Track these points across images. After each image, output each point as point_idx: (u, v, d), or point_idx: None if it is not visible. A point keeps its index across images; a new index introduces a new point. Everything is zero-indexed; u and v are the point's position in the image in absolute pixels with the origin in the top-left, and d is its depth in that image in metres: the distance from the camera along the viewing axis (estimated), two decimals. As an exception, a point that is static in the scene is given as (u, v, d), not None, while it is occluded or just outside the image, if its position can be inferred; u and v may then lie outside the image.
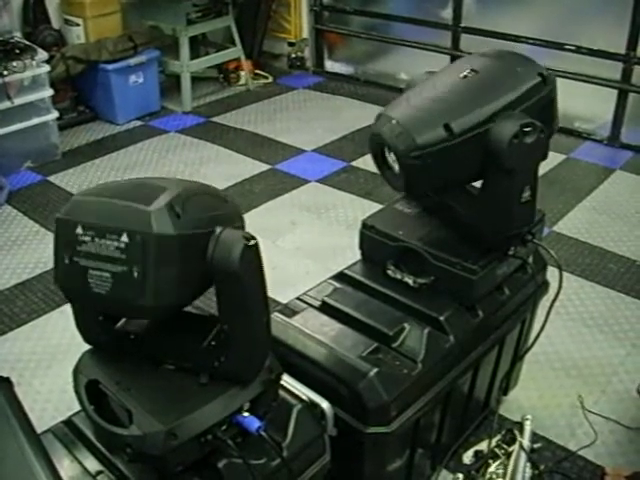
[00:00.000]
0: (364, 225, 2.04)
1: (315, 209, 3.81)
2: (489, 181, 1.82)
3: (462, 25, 4.89)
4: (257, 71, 5.72)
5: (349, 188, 4.01)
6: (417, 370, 1.76)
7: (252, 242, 1.31)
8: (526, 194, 1.84)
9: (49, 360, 2.72)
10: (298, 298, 1.99)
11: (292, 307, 1.95)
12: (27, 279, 3.23)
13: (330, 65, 5.91)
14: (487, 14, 4.83)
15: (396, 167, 1.76)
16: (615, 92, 4.39)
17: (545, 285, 2.22)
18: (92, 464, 1.45)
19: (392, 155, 1.76)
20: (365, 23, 5.54)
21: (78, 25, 4.77)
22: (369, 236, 2.02)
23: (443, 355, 1.84)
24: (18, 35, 4.28)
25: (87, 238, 1.27)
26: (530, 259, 2.06)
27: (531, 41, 4.51)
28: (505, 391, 2.39)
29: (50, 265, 3.30)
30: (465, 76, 1.77)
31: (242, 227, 1.42)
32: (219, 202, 1.43)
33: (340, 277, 2.04)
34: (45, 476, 1.16)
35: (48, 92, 4.23)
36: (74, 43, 4.77)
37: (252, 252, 1.32)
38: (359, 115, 4.98)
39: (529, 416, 2.25)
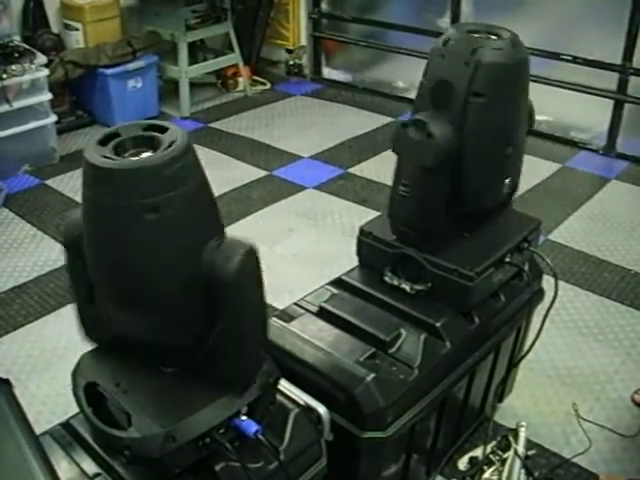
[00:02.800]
0: (361, 232, 2.05)
1: (312, 215, 3.82)
2: None
3: (459, 34, 4.90)
4: (255, 77, 5.74)
5: (346, 195, 4.02)
6: (413, 376, 1.77)
7: (252, 253, 1.29)
8: None
9: (45, 363, 2.72)
10: (296, 303, 2.00)
11: (290, 312, 1.96)
12: (24, 282, 3.23)
13: (328, 72, 5.93)
14: (484, 23, 4.85)
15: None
16: (611, 102, 4.42)
17: (540, 293, 2.23)
18: (90, 466, 1.45)
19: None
20: (363, 31, 5.56)
21: (77, 30, 4.78)
22: (366, 242, 2.04)
23: (439, 361, 1.85)
24: (17, 39, 4.27)
25: None
26: (526, 267, 2.07)
27: (528, 51, 4.53)
28: (500, 398, 2.40)
29: (46, 268, 3.31)
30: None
31: None
32: None
33: (337, 283, 2.05)
34: (44, 477, 1.17)
35: (47, 96, 4.23)
36: (73, 47, 4.77)
37: (251, 263, 1.31)
38: (356, 122, 5.00)
39: (524, 423, 2.27)
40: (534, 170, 4.11)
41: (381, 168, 4.24)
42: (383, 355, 1.80)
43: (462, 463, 2.24)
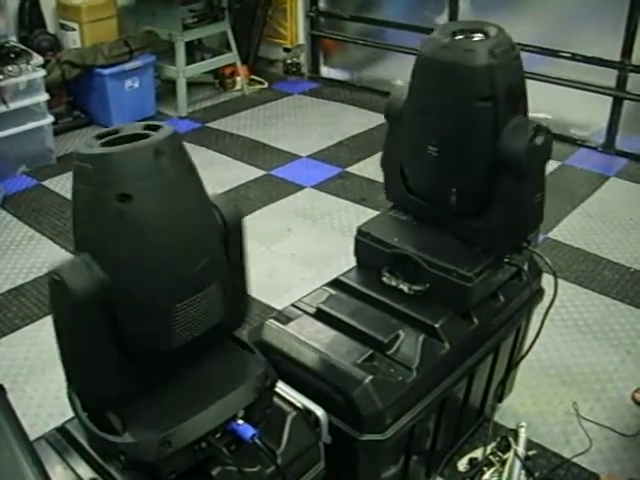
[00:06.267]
0: (359, 232, 2.04)
1: (310, 215, 3.81)
2: (505, 188, 1.82)
3: (458, 32, 4.90)
4: (253, 77, 5.72)
5: (344, 194, 4.01)
6: (412, 377, 1.76)
7: None
8: (539, 194, 1.87)
9: (42, 366, 2.71)
10: (293, 305, 1.99)
11: (287, 314, 1.95)
12: (21, 284, 3.22)
13: (326, 71, 5.92)
14: (482, 21, 4.84)
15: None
16: (610, 99, 4.41)
17: (540, 292, 2.22)
18: (85, 471, 1.45)
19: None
20: (361, 29, 5.55)
21: (74, 30, 4.77)
22: (364, 243, 2.02)
23: (438, 362, 1.84)
24: (14, 39, 4.27)
25: None
26: (525, 266, 2.06)
27: (527, 48, 4.51)
28: (500, 398, 2.39)
29: (44, 270, 3.30)
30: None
31: None
32: None
33: (335, 284, 2.03)
34: (38, 484, 1.16)
35: (43, 97, 4.22)
36: (70, 48, 4.76)
37: None
38: (355, 121, 4.99)
39: (524, 423, 2.26)
40: (533, 168, 4.10)
41: (380, 167, 4.23)
42: (381, 357, 1.79)
43: (462, 464, 2.23)
